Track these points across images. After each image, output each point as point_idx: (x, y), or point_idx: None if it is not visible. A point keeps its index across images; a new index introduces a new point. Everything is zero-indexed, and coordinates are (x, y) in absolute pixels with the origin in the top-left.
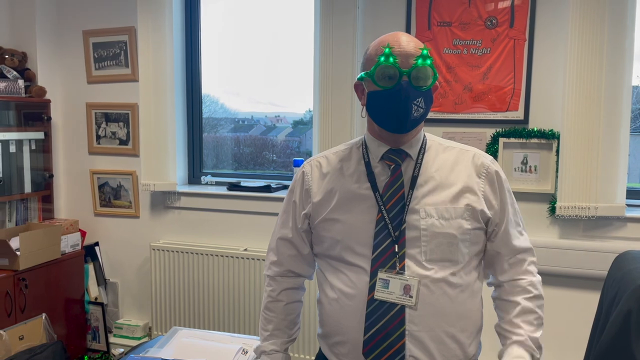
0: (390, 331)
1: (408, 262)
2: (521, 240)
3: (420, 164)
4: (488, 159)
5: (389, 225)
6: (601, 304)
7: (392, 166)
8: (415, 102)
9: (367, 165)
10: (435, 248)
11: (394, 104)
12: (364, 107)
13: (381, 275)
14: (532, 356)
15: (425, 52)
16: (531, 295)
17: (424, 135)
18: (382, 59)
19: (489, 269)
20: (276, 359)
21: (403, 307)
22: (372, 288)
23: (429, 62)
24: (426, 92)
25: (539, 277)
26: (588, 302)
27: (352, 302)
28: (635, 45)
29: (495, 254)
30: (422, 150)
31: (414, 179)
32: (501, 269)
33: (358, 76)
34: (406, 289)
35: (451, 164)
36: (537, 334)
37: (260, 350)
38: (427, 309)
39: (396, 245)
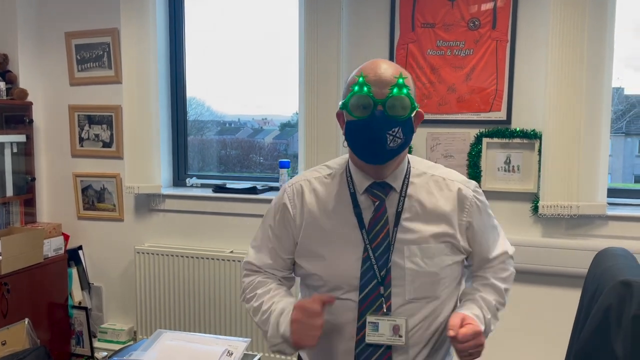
0: None
1: (394, 300)
2: (498, 249)
3: (405, 197)
4: (471, 191)
5: (375, 266)
6: (582, 300)
7: (377, 203)
8: (390, 132)
9: (353, 196)
10: (418, 287)
11: (368, 134)
12: (344, 137)
13: (370, 319)
14: (484, 316)
15: (401, 80)
16: (503, 277)
17: (408, 163)
18: (356, 88)
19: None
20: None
21: (389, 347)
22: (360, 329)
23: (405, 91)
24: (404, 122)
25: (512, 270)
26: (571, 300)
27: (341, 344)
28: (616, 47)
29: (475, 264)
30: (406, 181)
31: (398, 215)
32: (478, 268)
33: (339, 104)
34: (395, 330)
35: (436, 197)
36: (493, 301)
37: (277, 317)
38: (415, 345)
39: (382, 287)
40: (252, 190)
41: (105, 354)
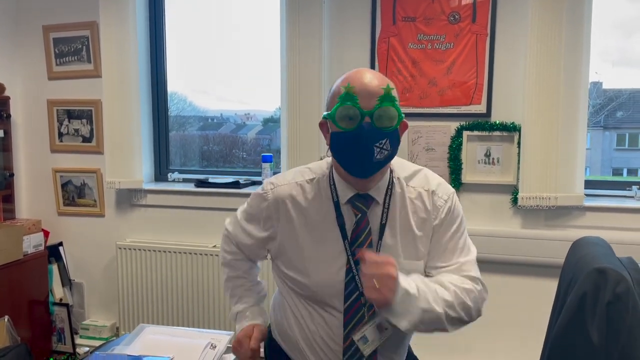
0: None
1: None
2: (456, 258)
3: (388, 210)
4: (442, 199)
5: (356, 277)
6: (559, 288)
7: (359, 216)
8: (378, 144)
9: (336, 205)
10: None
11: (355, 146)
12: (329, 147)
13: (356, 337)
14: (418, 288)
15: (388, 91)
16: (461, 286)
17: (391, 171)
18: (342, 99)
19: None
20: (253, 311)
21: (375, 351)
22: (347, 336)
23: (392, 102)
24: (391, 133)
25: (479, 293)
26: (550, 289)
27: (329, 351)
28: (594, 41)
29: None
30: (389, 193)
31: (382, 227)
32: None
33: (323, 114)
34: (380, 328)
35: (413, 207)
36: (439, 289)
37: (235, 312)
38: (391, 339)
39: (363, 298)
40: (235, 184)
41: (87, 349)
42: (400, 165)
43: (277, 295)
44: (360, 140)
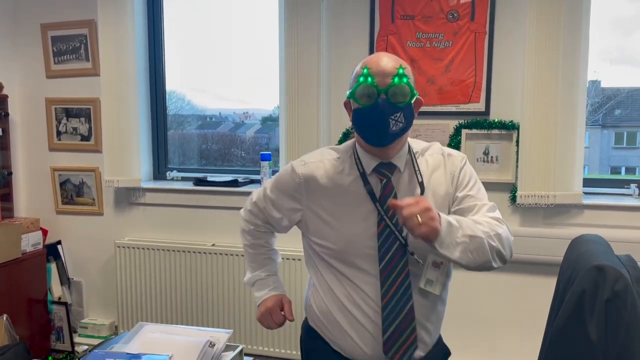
0: (405, 327)
1: (413, 260)
2: (484, 203)
3: (409, 175)
4: (457, 160)
5: (395, 232)
6: (557, 286)
7: (384, 181)
8: (392, 117)
9: (363, 175)
10: (425, 248)
11: (373, 119)
12: (352, 123)
13: (421, 283)
14: (457, 219)
15: (401, 71)
16: (491, 216)
17: (409, 145)
18: (362, 79)
19: None
20: (275, 281)
21: (412, 305)
22: (383, 296)
23: (405, 80)
24: (405, 108)
25: (505, 230)
26: (548, 287)
27: (366, 319)
28: (593, 40)
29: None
30: (414, 159)
31: (422, 185)
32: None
33: (347, 94)
34: (436, 265)
35: (431, 170)
36: (471, 222)
37: (255, 278)
38: (425, 306)
39: (403, 249)
40: (234, 182)
41: (85, 347)
42: (416, 143)
43: (310, 284)
44: (376, 114)
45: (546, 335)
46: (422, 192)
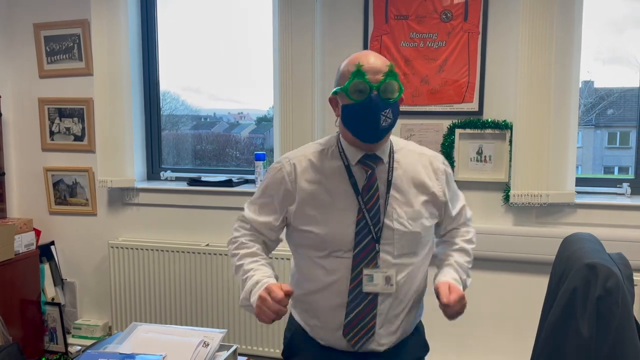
0: (365, 315)
1: (383, 256)
2: (458, 208)
3: (392, 167)
4: (440, 161)
5: (370, 226)
6: (550, 284)
7: (369, 172)
8: (383, 113)
9: (347, 168)
10: (404, 244)
11: (365, 115)
12: (338, 118)
13: (366, 271)
14: (461, 278)
15: (391, 68)
16: (468, 238)
17: (390, 142)
18: (354, 75)
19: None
20: (271, 281)
21: (376, 295)
22: (353, 280)
23: (395, 77)
24: (393, 104)
25: (474, 231)
26: (541, 286)
27: (334, 299)
28: (585, 40)
29: (443, 225)
30: (392, 154)
31: (389, 183)
32: (444, 229)
33: (332, 91)
34: (387, 280)
35: (413, 167)
36: (465, 262)
37: (252, 284)
38: (399, 293)
39: (376, 244)
40: (228, 182)
41: (79, 348)
42: (394, 138)
43: (293, 273)
44: (369, 110)
45: (539, 332)
46: (389, 186)
